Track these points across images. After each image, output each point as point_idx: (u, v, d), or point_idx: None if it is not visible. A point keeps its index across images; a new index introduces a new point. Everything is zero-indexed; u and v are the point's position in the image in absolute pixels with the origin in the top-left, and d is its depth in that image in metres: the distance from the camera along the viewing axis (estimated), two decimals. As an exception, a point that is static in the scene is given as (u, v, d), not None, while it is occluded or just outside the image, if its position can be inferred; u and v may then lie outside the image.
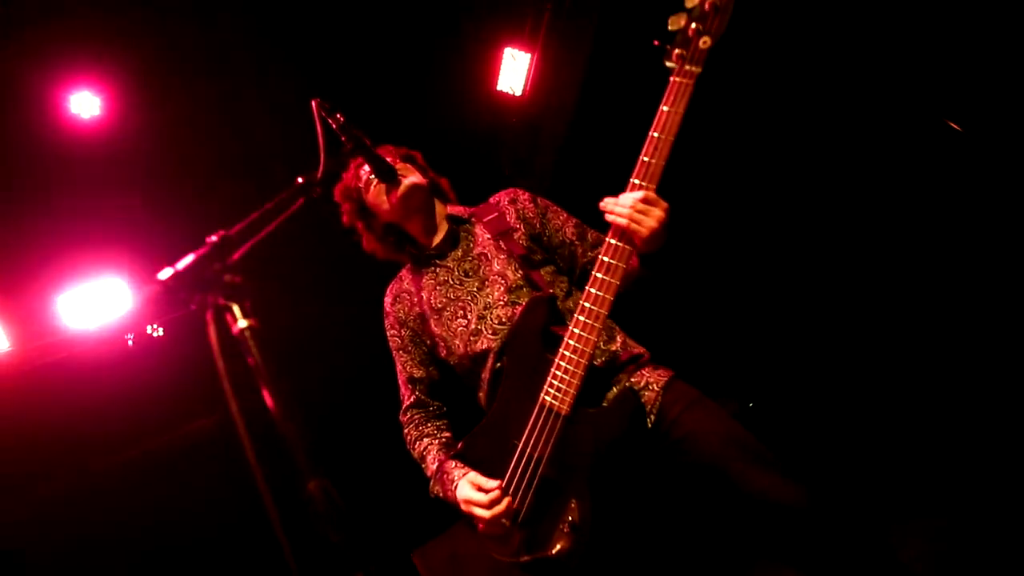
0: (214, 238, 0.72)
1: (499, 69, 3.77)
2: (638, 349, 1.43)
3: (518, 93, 3.83)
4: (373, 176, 1.43)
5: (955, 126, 2.84)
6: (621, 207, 1.17)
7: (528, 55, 3.67)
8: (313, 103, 1.08)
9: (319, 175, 0.96)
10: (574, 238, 1.52)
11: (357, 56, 3.69)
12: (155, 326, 4.10)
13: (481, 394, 1.48)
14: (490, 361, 1.41)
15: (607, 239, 1.21)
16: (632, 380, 1.36)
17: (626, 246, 1.19)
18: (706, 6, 1.12)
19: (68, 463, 4.13)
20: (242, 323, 0.64)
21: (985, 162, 2.76)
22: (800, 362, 3.63)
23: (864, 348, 3.35)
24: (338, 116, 1.13)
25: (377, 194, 1.48)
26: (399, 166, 1.48)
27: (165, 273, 0.66)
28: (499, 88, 3.83)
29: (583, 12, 3.54)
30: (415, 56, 3.76)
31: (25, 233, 3.35)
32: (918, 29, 2.77)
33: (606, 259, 1.20)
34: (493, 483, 1.28)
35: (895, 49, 2.87)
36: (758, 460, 1.19)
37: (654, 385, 1.34)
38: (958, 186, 2.89)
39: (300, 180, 0.92)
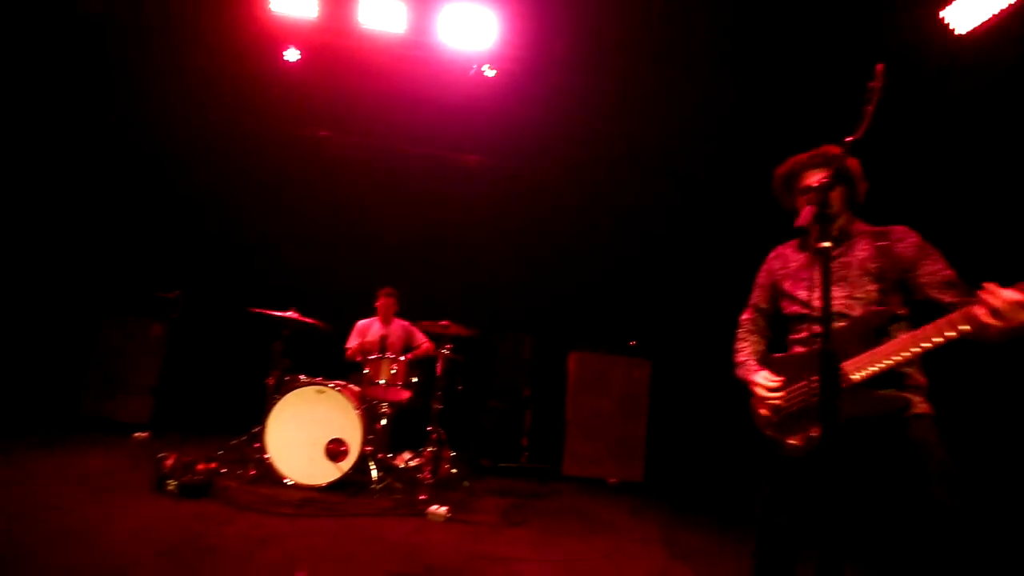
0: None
1: (955, -4, 3.20)
2: (922, 378, 1.72)
3: (960, 31, 3.28)
4: (814, 188, 1.71)
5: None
6: (998, 296, 1.38)
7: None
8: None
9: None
10: (939, 290, 1.67)
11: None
12: (489, 65, 4.61)
13: (793, 343, 1.94)
14: (806, 325, 1.86)
15: (971, 308, 1.43)
16: (909, 395, 1.69)
17: (972, 326, 1.42)
18: None
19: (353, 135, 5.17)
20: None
21: None
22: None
23: None
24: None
25: (804, 197, 1.83)
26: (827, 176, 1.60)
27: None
28: (942, 15, 3.30)
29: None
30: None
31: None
32: None
33: (956, 317, 1.46)
34: (776, 381, 1.85)
35: None
36: (945, 480, 1.56)
37: (916, 408, 1.68)
38: None
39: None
